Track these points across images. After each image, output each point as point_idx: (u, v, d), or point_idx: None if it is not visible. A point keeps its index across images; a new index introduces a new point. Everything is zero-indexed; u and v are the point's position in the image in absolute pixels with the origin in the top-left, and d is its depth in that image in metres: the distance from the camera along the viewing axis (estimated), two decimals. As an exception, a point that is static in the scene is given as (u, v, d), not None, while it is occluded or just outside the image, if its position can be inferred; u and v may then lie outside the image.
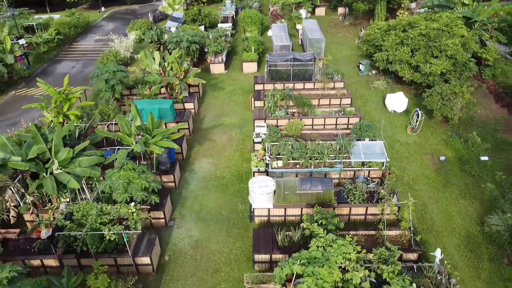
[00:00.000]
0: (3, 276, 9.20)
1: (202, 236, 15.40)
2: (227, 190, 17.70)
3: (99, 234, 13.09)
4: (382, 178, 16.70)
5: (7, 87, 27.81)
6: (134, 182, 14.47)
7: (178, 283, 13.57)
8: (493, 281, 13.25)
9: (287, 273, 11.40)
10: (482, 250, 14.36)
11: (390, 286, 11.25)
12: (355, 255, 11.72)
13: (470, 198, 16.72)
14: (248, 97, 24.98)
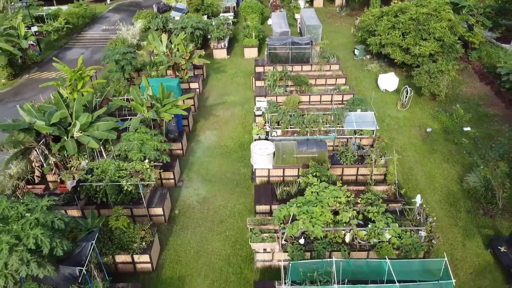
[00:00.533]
0: (43, 204, 10.76)
1: (208, 194, 17.00)
2: (230, 157, 19.30)
3: (117, 186, 14.69)
4: (373, 145, 18.28)
5: (21, 71, 29.40)
6: (147, 143, 16.06)
7: (188, 231, 15.17)
8: (469, 228, 14.84)
9: (284, 214, 13.03)
10: (460, 204, 15.95)
11: (375, 223, 12.89)
12: (345, 199, 13.34)
13: (452, 162, 18.32)
14: (249, 79, 26.59)
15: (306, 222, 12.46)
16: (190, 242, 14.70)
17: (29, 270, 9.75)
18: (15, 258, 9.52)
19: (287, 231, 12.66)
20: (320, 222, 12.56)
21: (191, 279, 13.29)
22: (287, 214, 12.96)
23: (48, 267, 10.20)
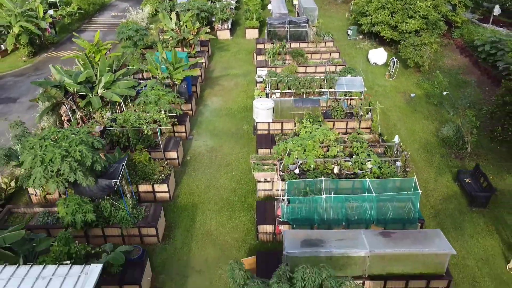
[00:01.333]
0: (83, 130, 13.08)
1: (216, 145, 19.36)
2: (234, 116, 21.66)
3: (138, 131, 17.04)
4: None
5: (39, 50, 31.74)
6: (162, 98, 18.40)
7: (198, 172, 17.53)
8: (441, 168, 17.20)
9: (282, 149, 15.39)
10: (435, 151, 18.32)
11: (358, 155, 15.26)
12: (334, 137, 15.71)
13: (431, 120, 20.69)
14: (251, 56, 28.95)
15: (300, 153, 14.83)
16: (201, 179, 17.06)
17: (76, 177, 12.10)
18: (66, 165, 11.87)
19: (284, 161, 15.03)
20: (312, 154, 14.93)
21: (203, 206, 15.65)
22: (285, 149, 15.33)
23: (90, 178, 12.56)
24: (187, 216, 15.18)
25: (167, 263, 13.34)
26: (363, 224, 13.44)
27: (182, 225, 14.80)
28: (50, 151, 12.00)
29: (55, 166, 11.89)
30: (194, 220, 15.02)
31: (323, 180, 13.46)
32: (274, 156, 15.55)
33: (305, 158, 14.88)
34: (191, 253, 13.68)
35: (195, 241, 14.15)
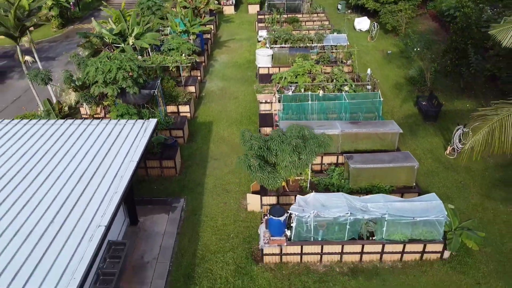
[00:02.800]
0: (129, 53, 17.45)
1: (224, 85, 23.74)
2: (240, 67, 26.06)
3: (165, 67, 21.42)
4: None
5: (67, 23, 36.17)
6: (182, 45, 22.77)
7: (212, 103, 21.91)
8: (406, 98, 21.58)
9: (279, 77, 19.75)
10: (403, 87, 22.70)
11: (338, 80, 19.63)
12: (319, 68, 20.09)
13: (402, 68, 25.06)
14: (253, 25, 33.36)
15: (292, 78, 19.23)
16: (214, 107, 21.44)
17: (127, 84, 16.45)
18: (120, 74, 16.23)
19: (281, 83, 19.41)
20: (301, 79, 19.30)
21: (217, 122, 20.03)
22: (281, 77, 19.70)
23: (135, 87, 16.92)
24: (205, 128, 19.57)
25: (192, 155, 17.72)
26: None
27: (201, 133, 19.19)
28: (108, 64, 16.38)
29: (112, 74, 16.25)
30: (210, 130, 19.40)
31: (309, 93, 17.86)
32: (273, 83, 19.94)
33: (297, 83, 19.26)
34: (209, 149, 18.06)
35: (212, 142, 18.54)
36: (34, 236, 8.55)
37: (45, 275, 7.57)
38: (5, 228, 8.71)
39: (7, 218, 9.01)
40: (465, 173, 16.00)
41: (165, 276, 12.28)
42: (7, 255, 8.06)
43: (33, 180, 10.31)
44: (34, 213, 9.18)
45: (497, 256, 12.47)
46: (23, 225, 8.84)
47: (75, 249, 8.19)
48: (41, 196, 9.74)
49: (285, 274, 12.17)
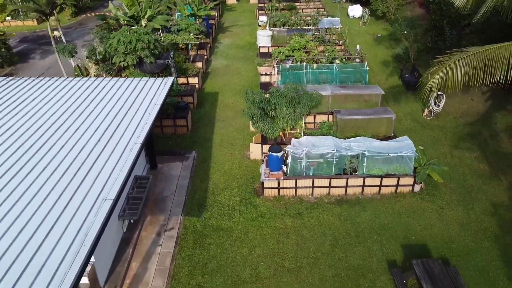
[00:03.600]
0: (146, 28, 19.87)
1: (228, 63, 26.18)
2: (242, 48, 28.51)
3: (174, 45, 23.83)
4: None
5: (80, 12, 38.63)
6: (190, 26, 25.20)
7: (218, 77, 24.34)
8: (391, 73, 24.00)
9: (278, 52, 22.18)
10: (389, 64, 25.12)
11: (330, 54, 22.05)
12: (314, 44, 22.53)
13: (391, 48, 27.50)
14: (254, 13, 35.82)
15: (289, 52, 21.66)
16: (220, 80, 23.88)
17: (145, 53, 18.87)
18: (139, 44, 18.66)
19: (279, 57, 21.84)
20: (298, 53, 21.73)
21: (222, 92, 22.46)
22: (279, 52, 22.13)
23: (152, 57, 19.34)
24: (212, 97, 22.01)
25: (201, 118, 20.14)
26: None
27: (209, 101, 21.62)
28: (128, 36, 18.81)
29: (132, 45, 18.68)
30: (216, 99, 21.84)
31: (305, 64, 20.29)
32: (272, 57, 22.37)
33: (293, 56, 21.70)
34: (216, 114, 20.49)
35: (218, 108, 20.98)
36: (74, 167, 10.84)
37: (87, 192, 9.56)
38: (50, 161, 11.02)
39: (53, 151, 11.33)
40: (438, 130, 18.44)
41: (182, 205, 14.71)
42: (52, 176, 10.32)
43: (72, 123, 12.59)
44: (74, 150, 11.34)
45: (459, 190, 14.90)
46: (64, 159, 11.15)
47: (109, 175, 9.92)
48: (83, 131, 12.04)
49: (282, 204, 14.60)
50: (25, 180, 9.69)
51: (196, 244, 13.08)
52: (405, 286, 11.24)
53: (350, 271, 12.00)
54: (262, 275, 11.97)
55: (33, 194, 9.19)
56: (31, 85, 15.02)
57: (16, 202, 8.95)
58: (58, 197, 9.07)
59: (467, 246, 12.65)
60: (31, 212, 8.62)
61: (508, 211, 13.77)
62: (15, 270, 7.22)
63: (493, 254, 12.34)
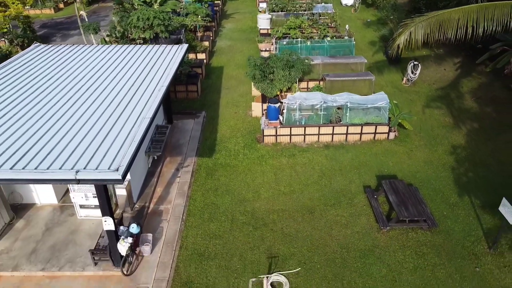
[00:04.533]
0: (161, 8, 22.75)
1: (232, 44, 29.13)
2: (244, 32, 31.46)
3: (184, 26, 26.74)
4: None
5: (93, 1, 41.60)
6: (198, 10, 28.13)
7: (223, 54, 27.28)
8: (377, 51, 26.93)
9: (276, 30, 25.12)
10: (376, 44, 28.05)
11: (322, 32, 25.00)
12: (307, 23, 25.46)
13: (378, 31, 30.44)
14: (255, 2, 38.79)
15: (286, 30, 24.60)
16: (224, 57, 26.82)
17: (160, 29, 21.76)
18: (156, 21, 21.57)
19: (277, 34, 24.75)
20: (293, 32, 24.66)
21: (227, 66, 25.40)
22: (277, 30, 25.06)
23: (166, 32, 22.23)
24: (218, 70, 24.94)
25: (209, 86, 23.07)
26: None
27: (215, 73, 24.56)
28: (147, 13, 21.73)
29: (150, 21, 21.60)
30: (222, 71, 24.78)
31: (299, 40, 23.23)
32: (271, 35, 25.30)
33: (289, 34, 24.64)
34: (222, 83, 23.42)
35: (224, 79, 23.91)
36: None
37: (130, 113, 12.55)
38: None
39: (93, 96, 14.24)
40: (414, 94, 21.38)
41: (195, 150, 17.63)
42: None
43: (105, 78, 15.47)
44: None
45: (426, 137, 17.83)
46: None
47: (144, 104, 13.04)
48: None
49: (279, 148, 17.53)
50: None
51: (208, 176, 16.00)
52: (376, 200, 14.18)
53: (334, 192, 14.92)
54: (262, 196, 14.90)
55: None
56: (68, 50, 17.91)
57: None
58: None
59: (428, 176, 15.58)
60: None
61: (464, 150, 16.71)
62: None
63: (449, 181, 15.28)
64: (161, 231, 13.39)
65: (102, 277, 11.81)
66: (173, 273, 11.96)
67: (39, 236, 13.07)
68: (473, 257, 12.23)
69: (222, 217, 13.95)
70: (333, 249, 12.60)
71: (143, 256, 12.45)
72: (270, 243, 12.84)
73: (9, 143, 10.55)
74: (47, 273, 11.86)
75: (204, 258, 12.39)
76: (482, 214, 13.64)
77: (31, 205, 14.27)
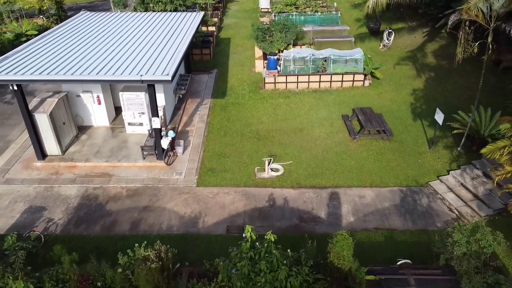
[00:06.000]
0: None
1: (237, 21, 33.76)
2: (247, 12, 36.11)
3: (195, 3, 31.38)
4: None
5: (110, -11, 46.16)
6: (208, -8, 32.74)
7: (229, 29, 31.90)
8: (361, 25, 31.45)
9: (275, 6, 29.78)
10: (361, 21, 32.49)
11: (313, 9, 29.65)
12: (301, 1, 30.11)
13: (363, 11, 35.01)
14: (255, -11, 43.44)
15: (284, 6, 29.23)
16: (231, 31, 31.44)
17: (179, 2, 26.36)
18: (176, -5, 26.17)
19: (276, 10, 29.37)
20: (289, 7, 29.26)
21: (233, 38, 30.03)
22: (277, 6, 29.68)
23: (184, 6, 26.83)
24: (226, 40, 29.57)
25: (219, 52, 27.69)
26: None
27: (223, 42, 29.20)
28: (168, -10, 26.33)
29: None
30: (229, 41, 29.40)
31: (294, 13, 27.85)
32: (271, 12, 29.92)
33: (286, 10, 29.25)
34: (229, 50, 28.04)
35: (231, 46, 28.54)
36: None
37: (169, 49, 17.11)
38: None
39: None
40: (388, 56, 25.99)
41: (210, 94, 22.25)
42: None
43: (147, 29, 20.03)
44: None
45: (394, 84, 22.46)
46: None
47: (180, 41, 17.77)
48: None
49: (277, 92, 22.14)
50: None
51: (222, 110, 20.63)
52: (350, 122, 18.81)
53: (319, 119, 19.55)
54: (264, 122, 19.52)
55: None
56: (110, 15, 22.50)
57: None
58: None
59: (392, 109, 20.22)
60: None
61: (421, 91, 21.36)
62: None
63: (407, 111, 19.93)
64: (189, 142, 18.03)
65: (149, 167, 16.45)
66: (200, 164, 16.60)
67: (100, 143, 17.73)
68: (417, 154, 16.90)
69: (234, 134, 18.60)
70: (316, 151, 17.25)
71: (177, 155, 17.09)
72: (270, 148, 17.48)
73: (98, 63, 15.22)
74: (110, 164, 16.51)
75: (221, 156, 17.04)
76: (428, 130, 18.30)
77: (89, 127, 18.92)
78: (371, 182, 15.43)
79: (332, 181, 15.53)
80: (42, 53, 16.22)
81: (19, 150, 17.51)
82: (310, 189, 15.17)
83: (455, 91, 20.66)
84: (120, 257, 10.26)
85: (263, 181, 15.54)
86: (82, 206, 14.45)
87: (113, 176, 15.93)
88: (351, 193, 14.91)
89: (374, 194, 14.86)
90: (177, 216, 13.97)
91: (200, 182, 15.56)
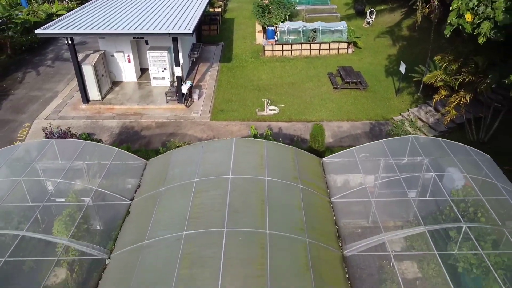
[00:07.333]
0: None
1: (240, 5, 37.95)
2: (248, -3, 40.38)
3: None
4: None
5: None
6: (214, -21, 36.94)
7: (233, 12, 36.09)
8: (349, 8, 35.69)
9: (273, -9, 34.04)
10: (349, 5, 36.73)
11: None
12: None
13: (352, -3, 39.25)
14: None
15: (280, -10, 33.48)
16: (235, 13, 35.65)
17: (190, -15, 30.57)
18: (187, -21, 30.38)
19: (273, -6, 33.62)
20: (286, -9, 33.52)
21: (237, 18, 34.24)
22: (274, -9, 33.92)
23: (194, -11, 31.04)
24: (230, 20, 33.79)
25: (224, 28, 31.88)
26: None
27: (228, 22, 33.42)
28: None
29: (183, -20, 30.37)
30: (233, 21, 33.62)
31: (290, -4, 32.08)
32: (269, -5, 34.15)
33: (283, -7, 33.45)
34: (234, 27, 32.25)
35: (235, 24, 32.75)
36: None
37: (191, 10, 21.42)
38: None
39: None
40: (370, 31, 30.20)
41: (219, 60, 26.47)
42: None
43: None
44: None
45: (373, 52, 26.68)
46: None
47: (195, 10, 21.93)
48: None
49: (274, 59, 26.36)
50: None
51: (228, 71, 24.85)
52: (334, 78, 23.03)
53: (308, 76, 23.76)
54: (263, 79, 23.74)
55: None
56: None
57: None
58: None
59: (370, 69, 24.44)
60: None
61: (394, 56, 25.58)
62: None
63: (382, 71, 24.15)
64: (202, 93, 22.25)
65: (172, 108, 20.64)
66: (212, 107, 20.82)
67: (130, 93, 21.96)
68: (385, 99, 21.13)
69: (239, 87, 22.83)
70: (305, 98, 21.48)
71: (193, 100, 21.30)
72: (268, 96, 21.67)
73: (134, 22, 19.44)
74: (140, 106, 20.72)
75: (229, 101, 21.27)
76: (397, 83, 22.52)
77: (119, 82, 23.12)
78: (348, 118, 19.65)
79: (317, 117, 19.75)
80: (87, 15, 20.45)
81: (66, 97, 21.74)
82: (299, 122, 19.40)
83: (421, 53, 24.83)
84: (161, 148, 14.52)
85: (262, 117, 19.77)
86: (122, 132, 18.68)
87: (143, 114, 20.15)
88: (331, 124, 19.13)
89: (349, 125, 19.09)
90: (196, 139, 18.19)
91: (213, 118, 19.79)
